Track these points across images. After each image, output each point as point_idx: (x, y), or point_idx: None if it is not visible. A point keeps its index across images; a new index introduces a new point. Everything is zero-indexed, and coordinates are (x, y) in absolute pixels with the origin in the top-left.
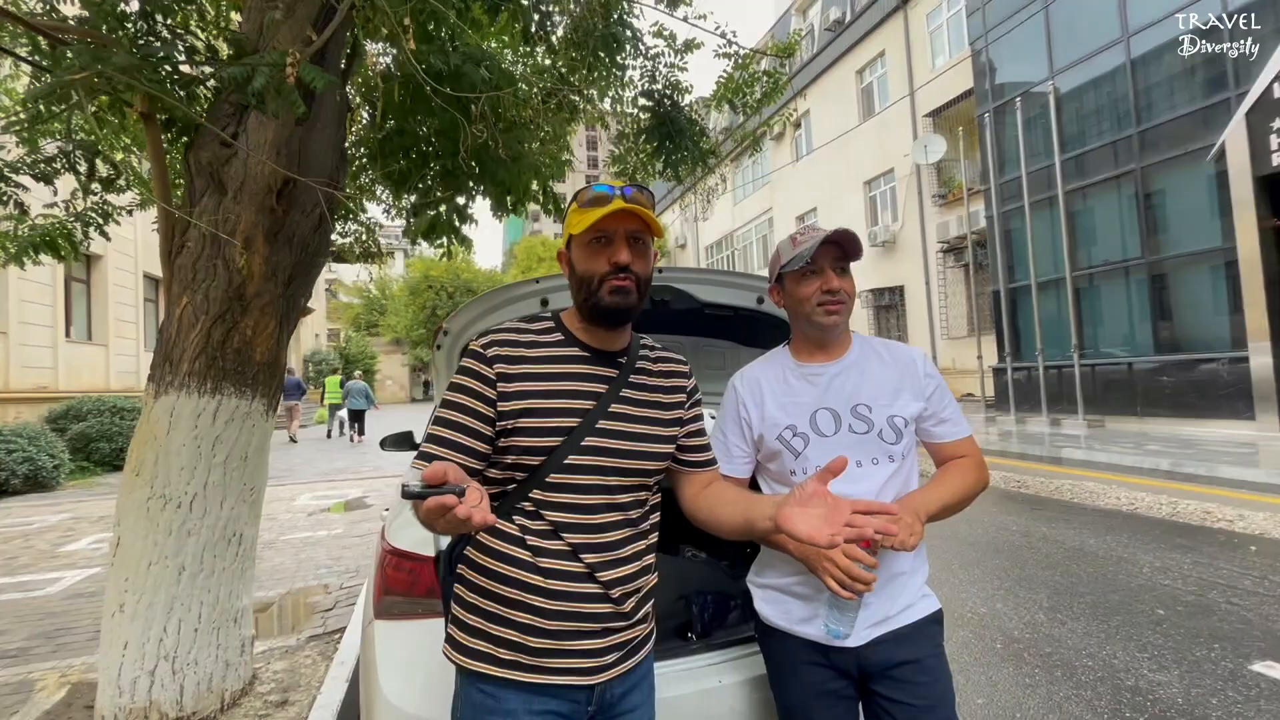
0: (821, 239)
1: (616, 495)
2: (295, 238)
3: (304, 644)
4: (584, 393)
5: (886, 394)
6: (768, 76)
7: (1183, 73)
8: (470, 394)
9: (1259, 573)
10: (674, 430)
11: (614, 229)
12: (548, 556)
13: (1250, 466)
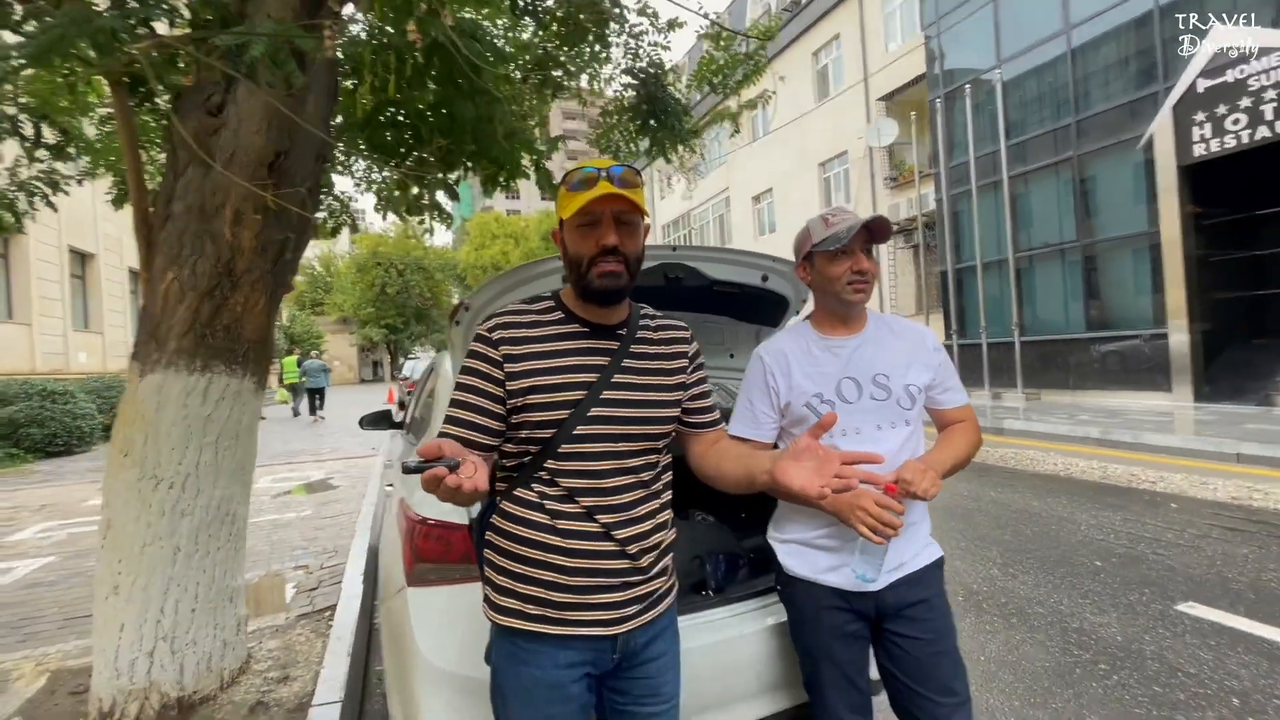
0: (859, 223)
1: (626, 460)
2: (285, 212)
3: (294, 622)
4: (586, 366)
5: (901, 365)
6: (749, 59)
7: (1117, 64)
8: (480, 376)
9: (1179, 526)
10: (678, 394)
11: (601, 211)
12: (565, 519)
13: (1168, 433)
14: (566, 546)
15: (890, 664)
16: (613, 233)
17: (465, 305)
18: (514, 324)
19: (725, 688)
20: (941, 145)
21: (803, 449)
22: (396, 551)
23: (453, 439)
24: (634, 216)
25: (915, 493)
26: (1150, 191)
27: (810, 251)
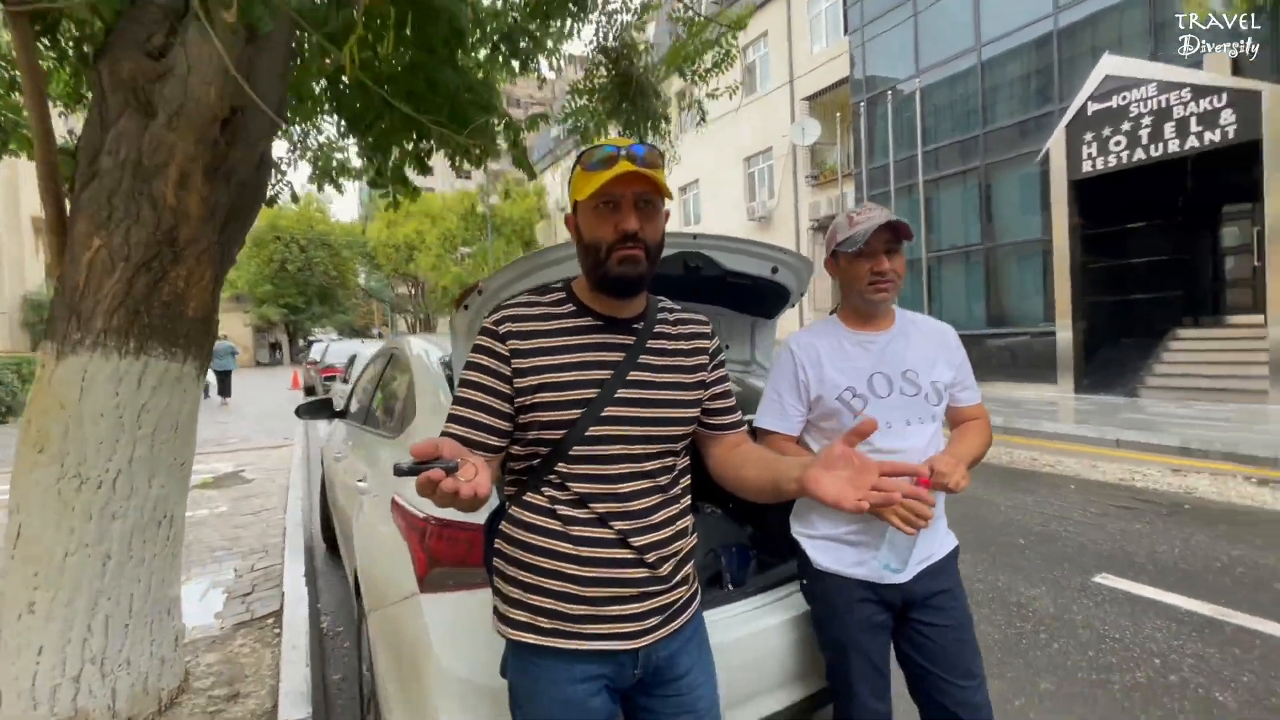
0: (875, 225)
1: (643, 463)
2: (236, 175)
3: (231, 632)
4: (600, 363)
5: (928, 362)
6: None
7: (1020, 82)
8: (486, 372)
9: (1081, 505)
10: (698, 393)
11: (621, 193)
12: (578, 525)
13: (1056, 421)
14: (581, 555)
15: (914, 651)
16: (633, 216)
17: (479, 289)
18: (522, 316)
19: (748, 682)
20: (863, 148)
21: (837, 456)
22: (395, 555)
23: (455, 439)
24: (655, 199)
25: (948, 485)
26: (1044, 202)
27: (835, 250)
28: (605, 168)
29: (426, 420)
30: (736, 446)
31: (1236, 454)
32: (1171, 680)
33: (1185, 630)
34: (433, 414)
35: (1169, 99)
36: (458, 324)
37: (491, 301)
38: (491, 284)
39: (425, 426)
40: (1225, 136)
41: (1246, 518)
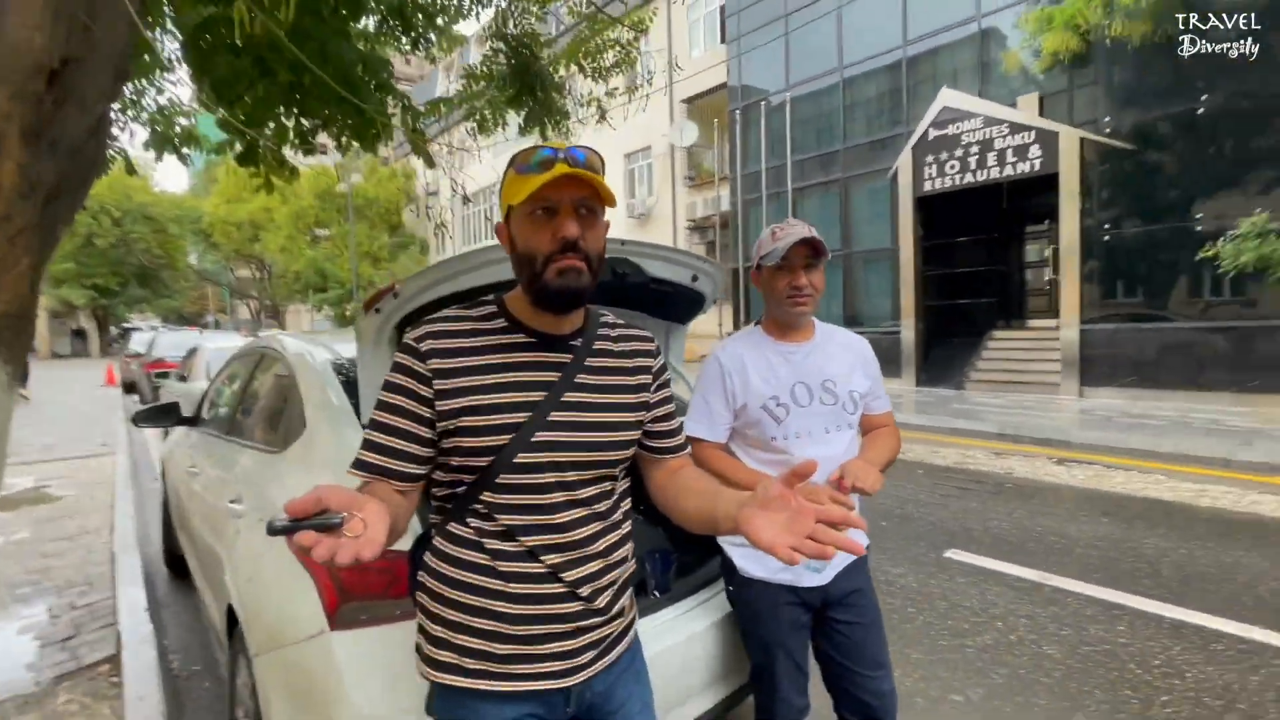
0: (793, 240)
1: (578, 490)
2: (64, 141)
3: (52, 687)
4: (532, 383)
5: (846, 372)
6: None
7: (875, 104)
8: (405, 394)
9: (929, 488)
10: (639, 415)
11: (559, 198)
12: (507, 560)
13: (902, 411)
14: (510, 591)
15: (831, 648)
16: (573, 223)
17: (394, 291)
18: (447, 333)
19: (678, 690)
20: (738, 153)
21: (774, 497)
22: (294, 589)
23: (369, 467)
24: (597, 206)
25: (863, 488)
26: (893, 215)
27: (760, 262)
28: (541, 170)
29: (321, 431)
30: (677, 471)
31: (1040, 438)
32: (1012, 639)
33: (1018, 595)
34: (329, 424)
35: (991, 132)
36: (365, 329)
37: (407, 307)
38: (410, 287)
39: (320, 439)
40: (1033, 167)
41: (1053, 494)
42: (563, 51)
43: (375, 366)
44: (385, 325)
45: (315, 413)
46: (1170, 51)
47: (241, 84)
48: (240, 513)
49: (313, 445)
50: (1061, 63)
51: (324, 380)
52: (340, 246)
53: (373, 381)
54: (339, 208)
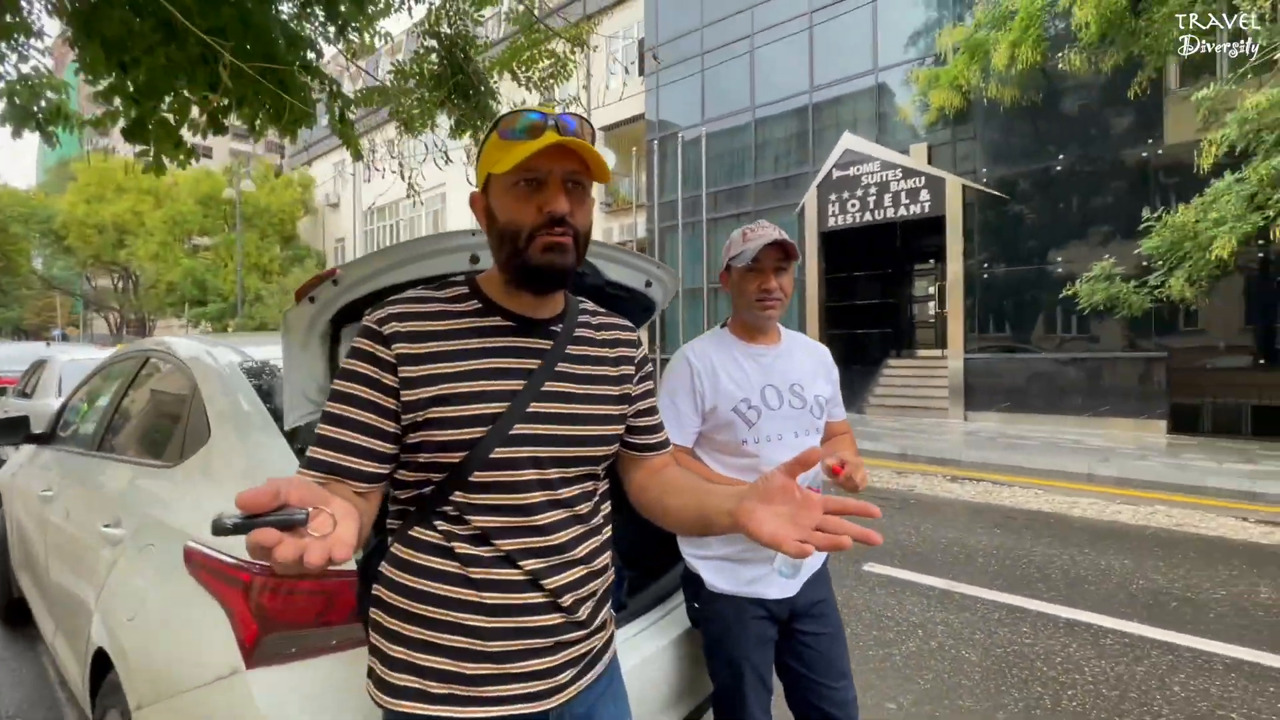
0: (765, 242)
1: (559, 490)
2: None
3: None
4: (510, 370)
5: (810, 377)
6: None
7: (784, 143)
8: (364, 382)
9: None
10: (622, 408)
11: (548, 169)
12: (480, 565)
13: None
14: (483, 601)
15: (794, 660)
16: (562, 197)
17: (334, 277)
18: (413, 314)
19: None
20: (655, 183)
21: (776, 489)
22: (195, 623)
23: (324, 465)
24: (585, 180)
25: (855, 480)
26: (801, 249)
27: (728, 263)
28: (529, 137)
29: (228, 440)
30: (660, 470)
31: (936, 458)
32: (933, 645)
33: (932, 603)
34: (238, 432)
35: (888, 175)
36: (295, 320)
37: (348, 295)
38: (351, 274)
39: (227, 449)
40: (923, 210)
41: (951, 509)
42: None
43: (304, 363)
44: (319, 317)
45: (221, 420)
46: (1033, 114)
47: (138, 47)
48: (117, 539)
49: (218, 456)
50: (947, 117)
51: (230, 383)
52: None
53: (300, 381)
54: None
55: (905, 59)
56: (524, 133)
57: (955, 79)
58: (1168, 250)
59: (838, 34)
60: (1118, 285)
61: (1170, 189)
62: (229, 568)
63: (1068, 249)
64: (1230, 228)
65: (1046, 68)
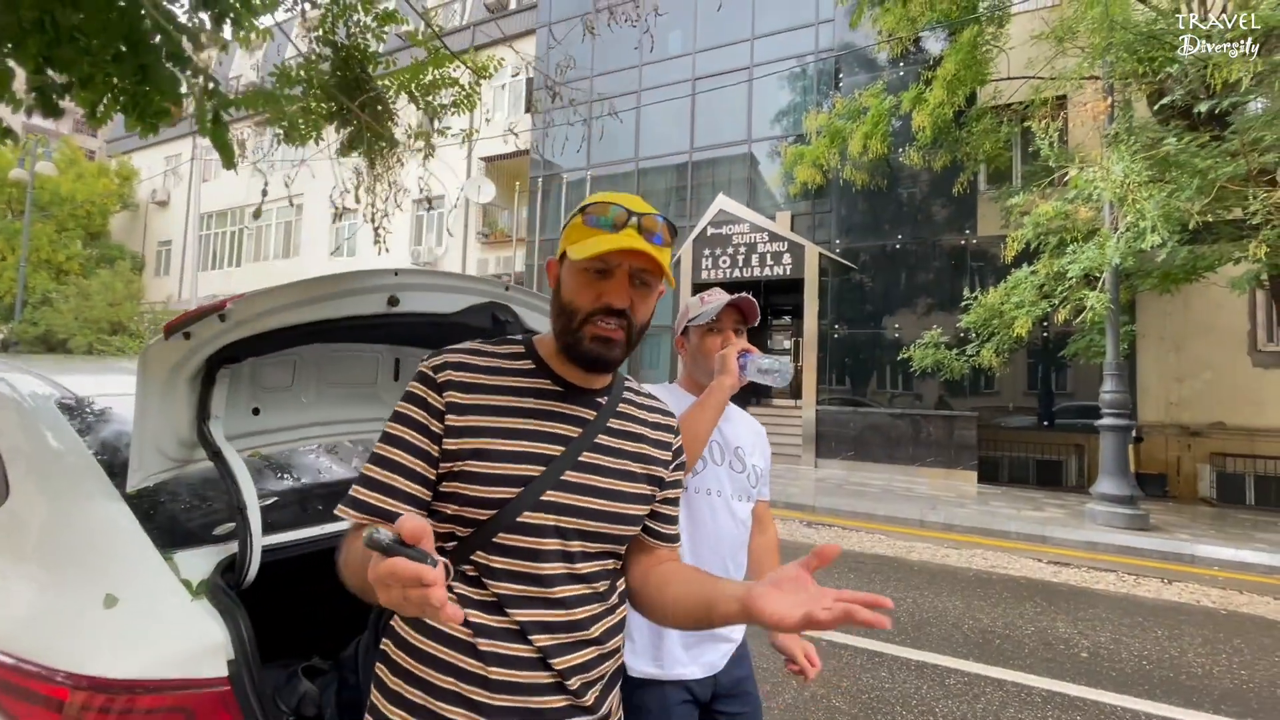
0: (725, 303)
1: (578, 564)
2: None
3: None
4: (551, 434)
5: (749, 446)
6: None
7: (665, 193)
8: (415, 427)
9: None
10: (652, 489)
11: (617, 262)
12: (489, 637)
13: None
14: (490, 677)
15: None
16: (625, 291)
17: (222, 312)
18: (468, 365)
19: None
20: (537, 219)
21: (791, 578)
22: None
23: (368, 507)
24: (653, 279)
25: None
26: (676, 297)
27: (687, 326)
28: (611, 229)
29: (30, 499)
30: (664, 562)
31: (792, 503)
32: (806, 696)
33: None
34: (47, 490)
35: (756, 237)
36: (158, 357)
37: (235, 334)
38: (244, 309)
39: (32, 510)
40: (785, 271)
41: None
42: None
43: (163, 411)
44: (193, 356)
45: (26, 474)
46: (879, 197)
47: None
48: None
49: (18, 524)
50: (809, 191)
51: (38, 422)
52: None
53: (154, 431)
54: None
55: (773, 134)
56: (609, 225)
57: (817, 159)
58: (981, 325)
59: (717, 102)
60: (942, 352)
61: (981, 272)
62: (36, 681)
63: (901, 315)
64: (1026, 311)
65: (891, 159)
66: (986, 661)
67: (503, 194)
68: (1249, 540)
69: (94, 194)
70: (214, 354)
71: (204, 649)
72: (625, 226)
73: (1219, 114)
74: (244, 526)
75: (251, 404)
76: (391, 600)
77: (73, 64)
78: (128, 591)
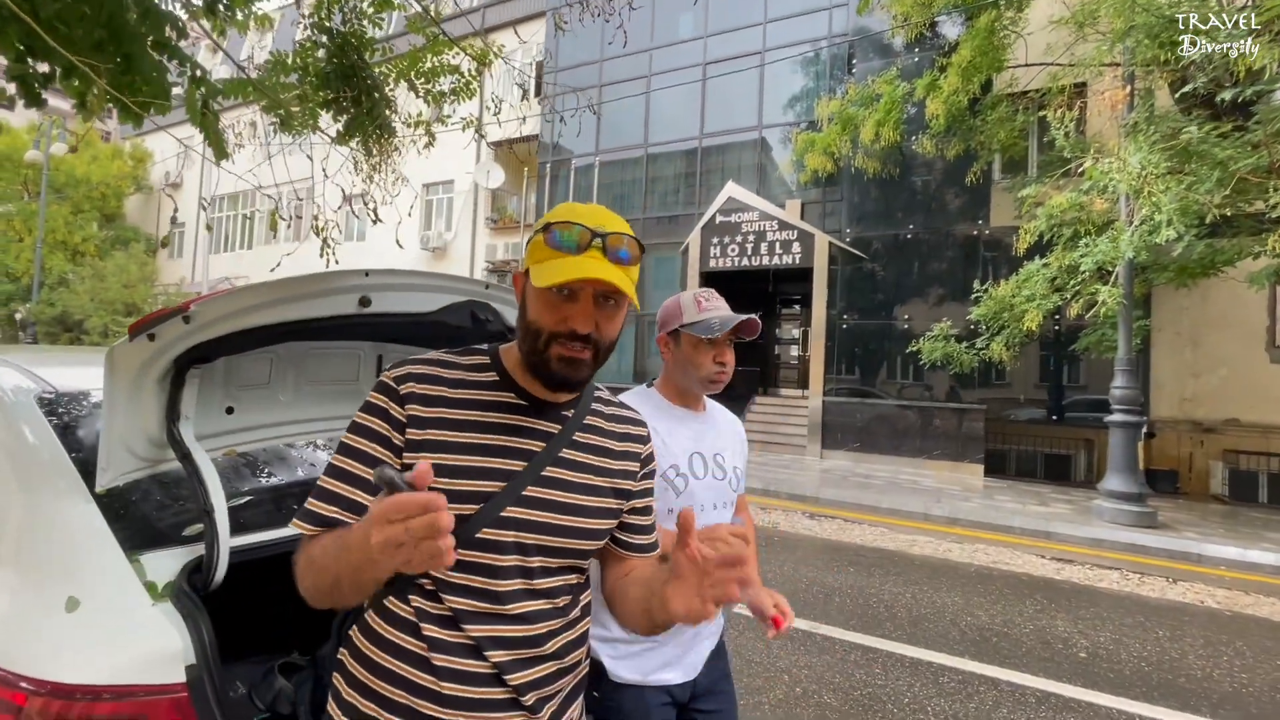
0: (734, 321)
1: (537, 580)
2: None
3: None
4: (514, 450)
5: (729, 448)
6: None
7: (674, 180)
8: (375, 439)
9: None
10: (618, 502)
11: (580, 285)
12: (444, 652)
13: None
14: (441, 691)
15: None
16: (589, 315)
17: (185, 314)
18: (430, 377)
19: None
20: (545, 204)
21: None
22: None
23: (319, 518)
24: (622, 299)
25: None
26: (683, 285)
27: (678, 329)
28: (573, 251)
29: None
30: (634, 570)
31: (795, 494)
32: (798, 692)
33: (796, 645)
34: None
35: (765, 225)
36: (124, 358)
37: (201, 335)
38: (208, 311)
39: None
40: (794, 260)
41: (810, 546)
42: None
43: (131, 411)
44: (159, 358)
45: None
46: (891, 186)
47: None
48: None
49: None
50: (819, 179)
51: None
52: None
53: (122, 431)
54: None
55: (785, 120)
56: (572, 246)
57: (829, 146)
58: (991, 318)
59: (728, 87)
60: (952, 345)
61: (994, 263)
62: None
63: (911, 306)
64: (1037, 304)
65: (904, 147)
66: (982, 660)
67: (512, 179)
68: (1258, 540)
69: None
70: (182, 354)
71: (162, 655)
72: (589, 248)
73: (1243, 103)
74: (211, 529)
75: (225, 403)
76: (388, 539)
77: (53, 53)
78: (90, 595)
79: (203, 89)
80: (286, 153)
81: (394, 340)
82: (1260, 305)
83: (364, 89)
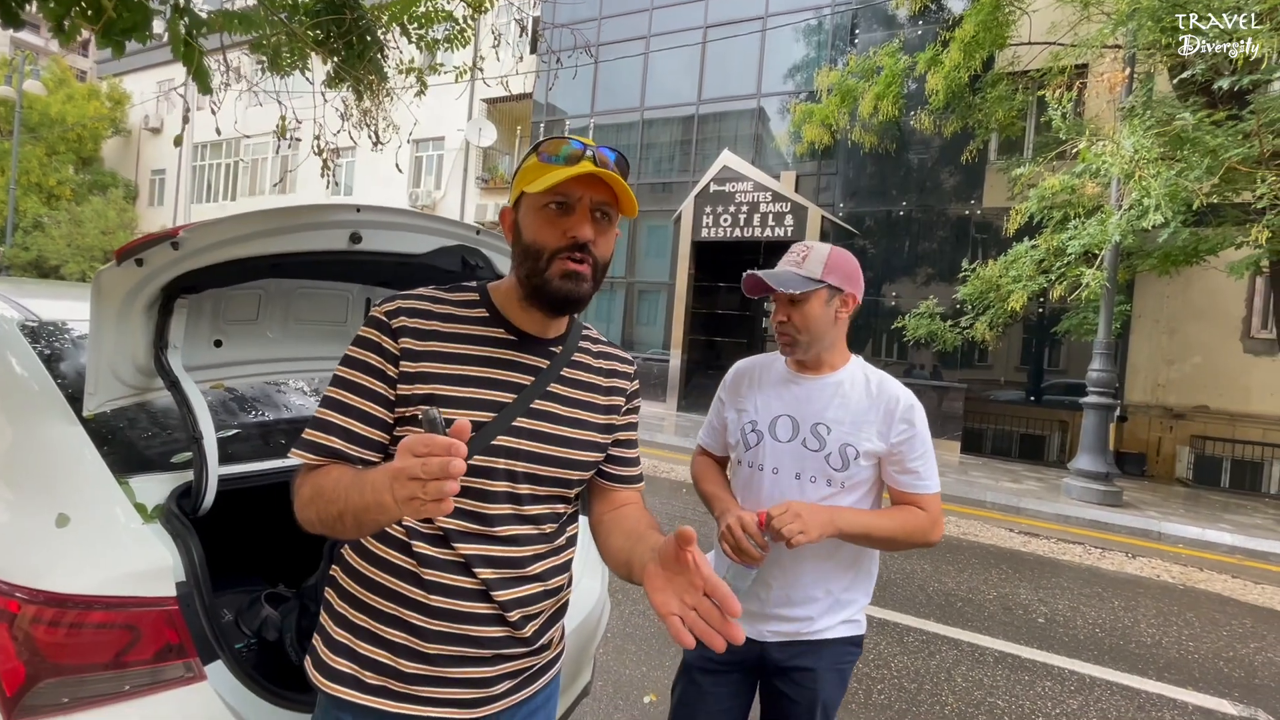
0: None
1: (525, 505)
2: None
3: None
4: (504, 382)
5: (848, 423)
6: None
7: (668, 147)
8: (369, 371)
9: (692, 505)
10: (604, 436)
11: (579, 196)
12: (434, 568)
13: (666, 434)
14: (430, 603)
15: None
16: (588, 224)
17: (173, 239)
18: (422, 312)
19: None
20: None
21: (672, 556)
22: None
23: (318, 447)
24: (613, 211)
25: (781, 531)
26: (674, 254)
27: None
28: (567, 163)
29: None
30: (621, 506)
31: None
32: None
33: None
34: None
35: (759, 196)
36: (113, 283)
37: (189, 263)
38: (196, 239)
39: None
40: (786, 233)
41: None
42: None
43: (119, 337)
44: (147, 284)
45: None
46: (886, 161)
47: None
48: None
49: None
50: (815, 151)
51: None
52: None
53: (110, 357)
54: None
55: (784, 89)
56: (563, 159)
57: (826, 118)
58: (977, 298)
59: (727, 52)
60: (937, 323)
61: (985, 243)
62: None
63: (900, 284)
64: (1024, 286)
65: (901, 122)
66: (946, 622)
67: (504, 138)
68: (1216, 520)
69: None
70: (170, 282)
71: (153, 570)
72: (581, 160)
73: (1239, 92)
74: (200, 455)
75: (214, 336)
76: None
77: None
78: (81, 513)
79: (186, 19)
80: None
81: (382, 284)
82: (1239, 296)
83: (355, 30)
